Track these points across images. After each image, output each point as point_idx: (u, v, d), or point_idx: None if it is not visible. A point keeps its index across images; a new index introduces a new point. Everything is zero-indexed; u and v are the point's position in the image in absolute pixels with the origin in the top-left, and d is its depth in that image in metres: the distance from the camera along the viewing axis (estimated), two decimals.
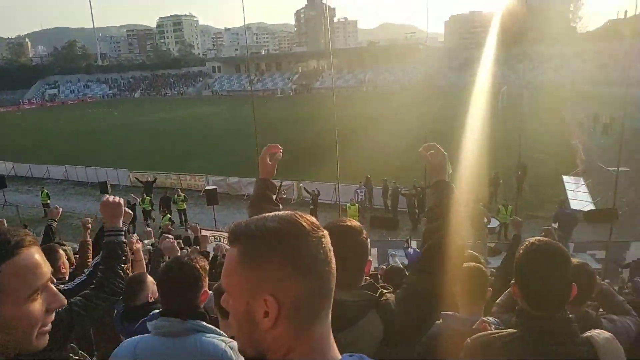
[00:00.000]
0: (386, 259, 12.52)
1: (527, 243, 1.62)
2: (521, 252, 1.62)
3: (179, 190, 19.38)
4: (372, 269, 7.10)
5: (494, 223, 15.46)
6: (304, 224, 0.90)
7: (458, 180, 14.89)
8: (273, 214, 0.92)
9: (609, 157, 20.01)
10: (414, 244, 10.54)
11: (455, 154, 19.34)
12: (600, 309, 2.85)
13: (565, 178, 20.58)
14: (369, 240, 1.70)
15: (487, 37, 62.07)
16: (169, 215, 16.75)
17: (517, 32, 50.47)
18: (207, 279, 2.18)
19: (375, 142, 28.09)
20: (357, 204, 16.64)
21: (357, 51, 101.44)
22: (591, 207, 16.76)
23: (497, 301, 3.08)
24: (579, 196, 17.82)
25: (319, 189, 18.47)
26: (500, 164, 19.11)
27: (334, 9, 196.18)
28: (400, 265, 7.95)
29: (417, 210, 16.69)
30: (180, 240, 8.58)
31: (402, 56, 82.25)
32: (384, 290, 1.59)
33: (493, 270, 9.32)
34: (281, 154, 2.02)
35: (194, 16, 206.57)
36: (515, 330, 1.57)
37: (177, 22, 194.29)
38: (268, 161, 2.00)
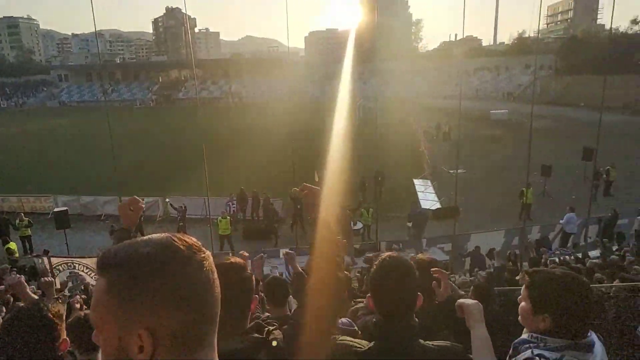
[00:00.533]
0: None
1: (379, 259, 1.73)
2: (374, 267, 1.72)
3: (22, 214, 16.85)
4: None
5: (359, 226, 16.56)
6: (182, 247, 0.81)
7: (327, 187, 15.65)
8: (146, 237, 0.83)
9: (449, 161, 22.80)
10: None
11: (322, 163, 20.36)
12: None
13: (415, 181, 22.97)
14: (253, 275, 1.72)
15: (343, 53, 66.52)
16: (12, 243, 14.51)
17: (368, 49, 54.97)
18: (63, 324, 2.00)
19: (244, 154, 27.97)
20: (228, 217, 16.34)
21: (221, 62, 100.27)
22: (438, 205, 18.95)
23: (361, 305, 3.27)
24: (427, 197, 20.04)
25: (185, 204, 17.72)
26: (362, 171, 20.52)
27: (195, 19, 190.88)
28: (278, 274, 8.00)
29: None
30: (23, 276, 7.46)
31: (267, 69, 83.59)
32: (270, 328, 1.61)
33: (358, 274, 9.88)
34: (143, 205, 2.06)
35: (34, 19, 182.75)
36: (371, 343, 1.66)
37: (12, 25, 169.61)
38: (129, 211, 2.01)
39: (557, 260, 11.23)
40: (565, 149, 25.41)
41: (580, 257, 10.68)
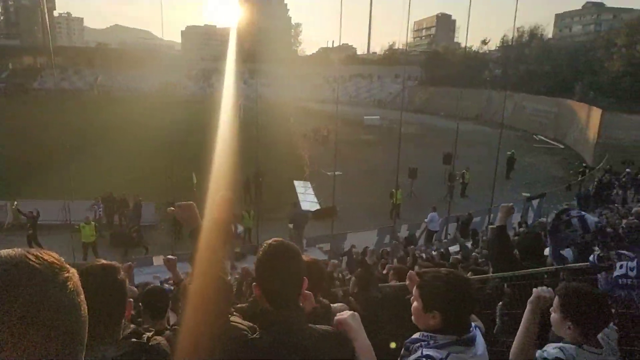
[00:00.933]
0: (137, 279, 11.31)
1: (263, 245, 1.67)
2: (259, 254, 1.66)
3: None
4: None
5: (240, 229, 16.13)
6: (38, 266, 0.71)
7: (209, 190, 14.94)
8: None
9: (327, 164, 23.50)
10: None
11: (204, 164, 19.45)
12: None
13: (296, 183, 23.25)
14: (127, 279, 1.67)
15: (222, 50, 64.76)
16: None
17: (249, 49, 54.52)
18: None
19: (111, 152, 25.50)
20: (93, 222, 14.63)
21: (85, 51, 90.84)
22: (317, 206, 19.39)
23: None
24: (307, 198, 20.40)
25: (39, 209, 15.44)
26: (244, 173, 20.09)
27: (54, 0, 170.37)
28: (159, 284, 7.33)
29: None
30: None
31: (138, 61, 77.87)
32: (148, 334, 1.57)
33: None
34: None
35: None
36: (259, 334, 1.59)
37: None
38: None
39: (423, 256, 12.14)
40: (429, 153, 27.93)
41: (443, 252, 11.67)
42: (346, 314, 1.71)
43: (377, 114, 50.32)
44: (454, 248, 14.70)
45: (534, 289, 2.21)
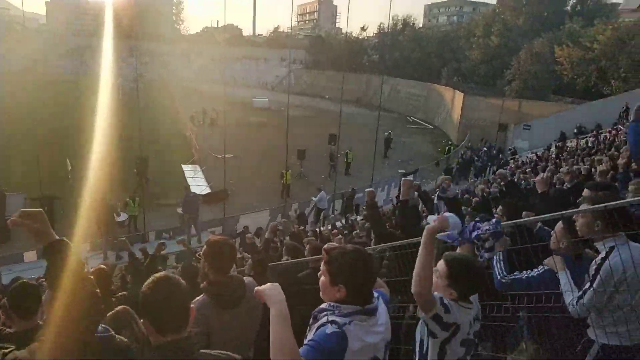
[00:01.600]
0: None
1: (150, 279, 1.69)
2: (145, 287, 1.68)
3: None
4: None
5: (123, 217, 15.42)
6: None
7: (85, 178, 13.95)
8: None
9: (217, 146, 23.26)
10: None
11: (79, 151, 17.95)
12: None
13: (184, 167, 22.68)
14: None
15: (97, 26, 58.94)
16: None
17: (127, 25, 50.53)
18: None
19: None
20: None
21: None
22: (207, 190, 19.23)
23: None
24: (197, 182, 20.07)
25: None
26: (126, 158, 19.03)
27: None
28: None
29: None
30: None
31: None
32: (6, 350, 1.53)
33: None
34: None
35: None
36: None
37: None
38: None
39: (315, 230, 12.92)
40: (316, 134, 29.02)
41: (330, 228, 12.59)
42: (266, 286, 1.81)
43: (265, 97, 50.45)
44: (339, 224, 15.87)
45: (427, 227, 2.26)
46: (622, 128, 21.15)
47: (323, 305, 1.87)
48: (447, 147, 30.08)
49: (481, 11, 67.07)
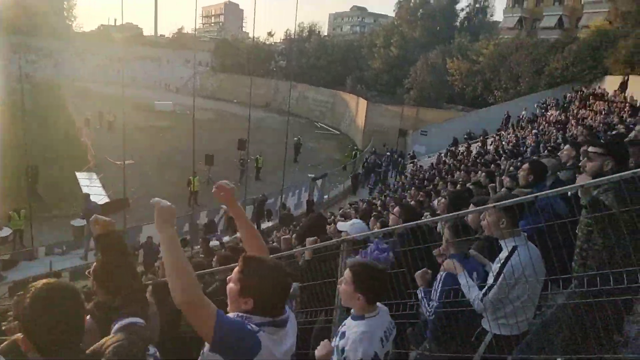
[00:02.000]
0: None
1: (31, 289, 1.50)
2: (26, 300, 1.47)
3: None
4: None
5: (6, 232, 13.86)
6: None
7: None
8: None
9: (116, 152, 21.82)
10: None
11: None
12: None
13: (78, 174, 20.95)
14: None
15: None
16: None
17: (9, 19, 45.43)
18: None
19: None
20: None
21: None
22: (106, 199, 17.96)
23: None
24: (94, 190, 18.64)
25: None
26: (7, 167, 17.11)
27: None
28: None
29: None
30: None
31: None
32: None
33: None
34: None
35: None
36: None
37: None
38: None
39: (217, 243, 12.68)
40: (224, 139, 28.50)
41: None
42: (164, 202, 1.72)
43: (169, 99, 48.38)
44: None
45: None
46: (503, 134, 23.68)
47: (231, 315, 1.77)
48: (353, 152, 31.28)
49: (381, 23, 70.78)
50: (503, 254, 2.86)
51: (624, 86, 22.04)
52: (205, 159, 21.37)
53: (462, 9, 50.74)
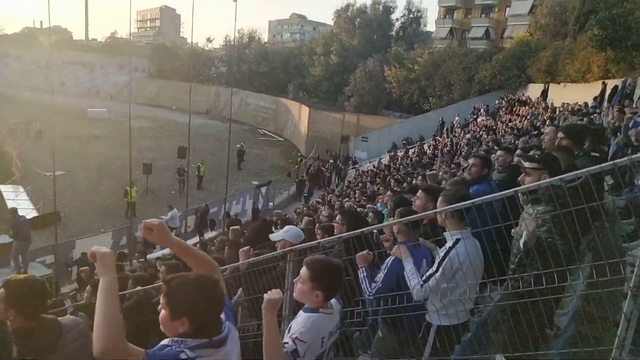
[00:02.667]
0: None
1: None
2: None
3: None
4: None
5: None
6: None
7: None
8: None
9: (45, 162, 20.55)
10: None
11: None
12: None
13: (2, 187, 19.49)
14: None
15: None
16: None
17: None
18: None
19: None
20: None
21: None
22: (34, 213, 16.81)
23: None
24: (20, 204, 17.39)
25: None
26: None
27: None
28: None
29: None
30: None
31: None
32: None
33: None
34: None
35: None
36: None
37: None
38: None
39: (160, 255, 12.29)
40: (164, 147, 27.66)
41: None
42: (104, 249, 1.78)
43: (103, 106, 46.18)
44: (193, 240, 15.40)
45: (265, 295, 2.29)
46: (439, 139, 24.83)
47: (165, 342, 1.68)
48: (297, 159, 31.45)
49: (321, 31, 71.78)
50: (448, 245, 3.01)
51: (545, 94, 23.88)
52: (143, 168, 20.63)
53: (397, 19, 52.64)
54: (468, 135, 20.21)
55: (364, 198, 12.03)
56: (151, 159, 21.98)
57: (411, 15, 52.18)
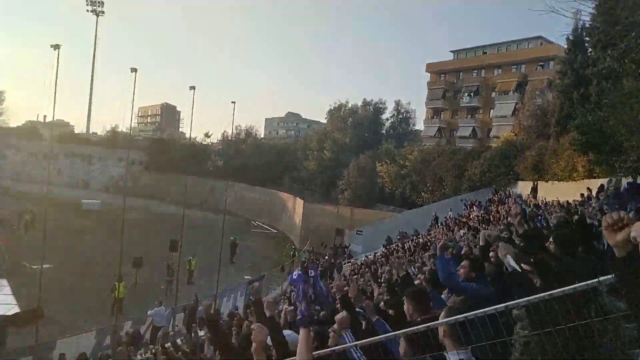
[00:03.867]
0: None
1: None
2: None
3: None
4: None
5: None
6: None
7: None
8: None
9: (33, 255, 20.04)
10: None
11: None
12: None
13: None
14: None
15: None
16: None
17: None
18: None
19: None
20: None
21: None
22: (16, 309, 16.00)
23: None
24: (2, 299, 16.64)
25: None
26: None
27: None
28: None
29: None
30: None
31: None
32: None
33: None
34: None
35: None
36: None
37: None
38: None
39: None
40: (156, 240, 27.28)
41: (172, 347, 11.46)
42: None
43: (98, 198, 46.38)
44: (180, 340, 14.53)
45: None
46: (433, 233, 24.83)
47: None
48: (291, 252, 31.05)
49: (314, 128, 75.16)
50: None
51: (535, 191, 24.45)
52: (133, 261, 20.16)
53: (387, 119, 55.63)
54: (463, 231, 20.26)
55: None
56: (143, 251, 21.56)
57: (400, 116, 55.22)
